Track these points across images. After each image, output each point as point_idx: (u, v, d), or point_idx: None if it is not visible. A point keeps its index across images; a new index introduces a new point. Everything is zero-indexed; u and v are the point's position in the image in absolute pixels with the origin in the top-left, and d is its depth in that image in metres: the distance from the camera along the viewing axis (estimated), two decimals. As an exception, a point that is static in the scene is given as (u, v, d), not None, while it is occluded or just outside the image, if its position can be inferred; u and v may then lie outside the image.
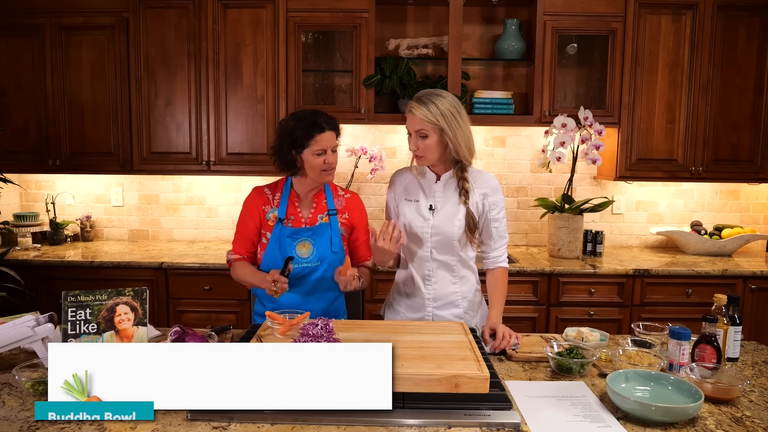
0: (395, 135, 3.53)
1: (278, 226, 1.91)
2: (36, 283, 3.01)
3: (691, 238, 3.33)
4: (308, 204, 1.97)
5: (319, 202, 1.98)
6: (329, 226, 1.94)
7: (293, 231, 1.91)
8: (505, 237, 1.94)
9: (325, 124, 1.84)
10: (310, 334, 1.42)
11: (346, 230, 1.99)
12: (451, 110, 1.75)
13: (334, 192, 2.02)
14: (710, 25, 3.12)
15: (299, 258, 1.91)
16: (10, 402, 1.33)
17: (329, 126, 1.85)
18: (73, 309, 1.36)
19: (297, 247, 1.91)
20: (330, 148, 1.85)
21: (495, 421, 1.22)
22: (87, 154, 3.24)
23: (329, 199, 1.99)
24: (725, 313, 1.61)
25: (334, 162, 1.88)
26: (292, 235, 1.91)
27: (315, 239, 1.92)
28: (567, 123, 3.01)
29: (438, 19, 3.40)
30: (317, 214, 1.96)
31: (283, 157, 1.87)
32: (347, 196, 2.03)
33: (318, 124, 1.83)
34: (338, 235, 1.95)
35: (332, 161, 1.87)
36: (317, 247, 1.92)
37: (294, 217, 1.94)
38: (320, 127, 1.83)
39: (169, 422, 1.23)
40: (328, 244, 1.93)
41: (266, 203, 1.96)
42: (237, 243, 1.99)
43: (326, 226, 1.95)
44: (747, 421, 1.27)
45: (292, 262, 1.84)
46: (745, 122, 3.18)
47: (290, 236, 1.91)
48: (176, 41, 3.14)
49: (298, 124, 1.84)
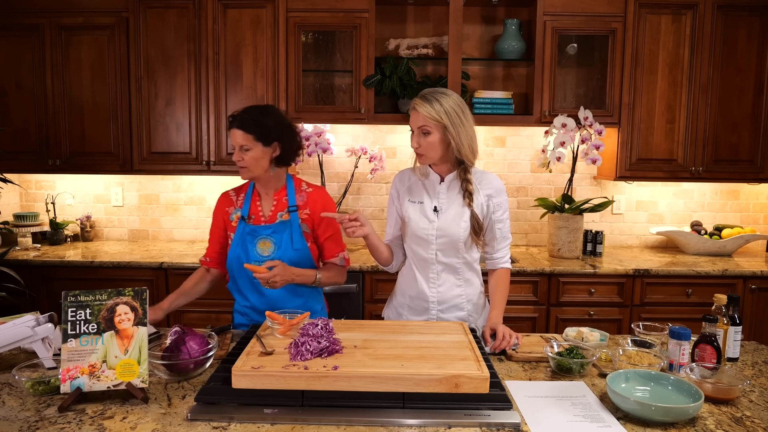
0: (395, 135, 3.53)
1: (241, 224, 1.93)
2: (36, 283, 3.01)
3: (691, 238, 3.33)
4: (269, 202, 1.97)
5: (279, 200, 1.96)
6: (289, 224, 1.92)
7: (252, 229, 1.92)
8: (508, 238, 1.94)
9: (235, 122, 1.84)
10: (310, 333, 1.42)
11: (308, 226, 1.95)
12: (455, 108, 1.75)
13: (297, 188, 1.98)
14: (710, 25, 3.12)
15: (260, 256, 1.91)
16: (10, 402, 1.33)
17: (238, 124, 1.83)
18: (73, 309, 1.35)
19: (257, 245, 1.92)
20: (237, 146, 1.84)
21: (495, 421, 1.22)
22: (87, 154, 3.24)
23: (290, 195, 1.95)
24: (725, 313, 1.61)
25: (245, 162, 1.84)
26: (252, 232, 1.92)
27: (275, 237, 1.91)
28: (567, 123, 3.01)
29: (438, 19, 3.40)
30: (277, 212, 1.94)
31: None
32: (309, 190, 1.98)
33: (231, 120, 1.85)
34: (299, 232, 1.92)
35: (236, 158, 1.85)
36: (277, 245, 1.91)
37: (255, 216, 1.95)
38: (230, 123, 1.85)
39: (169, 422, 1.23)
40: (288, 242, 1.91)
41: (230, 205, 1.99)
42: (208, 247, 2.05)
43: (286, 223, 1.92)
44: (747, 421, 1.27)
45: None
46: (745, 122, 3.18)
47: (250, 234, 1.92)
48: (176, 41, 3.14)
49: None
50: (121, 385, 1.32)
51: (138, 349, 1.35)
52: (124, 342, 1.35)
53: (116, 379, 1.32)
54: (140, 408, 1.29)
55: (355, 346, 1.46)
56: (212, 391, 1.30)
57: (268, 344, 1.47)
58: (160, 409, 1.29)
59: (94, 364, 1.33)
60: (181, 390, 1.40)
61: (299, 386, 1.27)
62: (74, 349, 1.33)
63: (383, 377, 1.27)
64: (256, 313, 1.98)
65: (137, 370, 1.33)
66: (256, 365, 1.31)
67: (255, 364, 1.32)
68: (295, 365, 1.31)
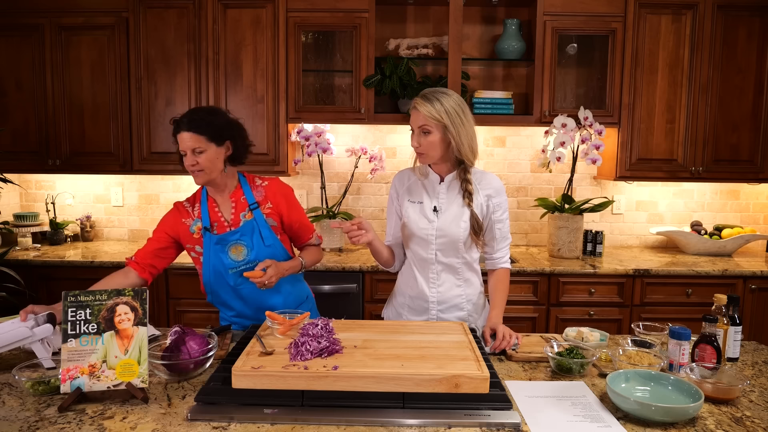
0: (395, 135, 3.53)
1: (206, 235, 1.85)
2: (36, 283, 3.00)
3: (691, 238, 3.33)
4: (227, 205, 1.90)
5: (237, 200, 1.89)
6: (255, 222, 1.87)
7: (219, 238, 1.85)
8: (508, 238, 1.94)
9: (184, 124, 1.75)
10: (310, 334, 1.42)
11: (275, 219, 1.91)
12: (455, 108, 1.75)
13: (252, 184, 1.93)
14: (710, 25, 3.12)
15: (235, 262, 1.86)
16: (10, 402, 1.33)
17: (189, 126, 1.74)
18: (73, 309, 1.35)
19: (230, 252, 1.86)
20: (188, 149, 1.75)
21: (495, 421, 1.22)
22: (87, 154, 3.24)
23: (247, 193, 1.90)
24: (725, 313, 1.61)
25: (199, 164, 1.77)
26: (220, 242, 1.85)
27: (245, 239, 1.86)
28: (567, 123, 3.01)
29: (438, 19, 3.40)
30: (239, 213, 1.88)
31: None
32: (265, 184, 1.94)
33: (177, 124, 1.77)
34: (267, 228, 1.88)
35: (189, 163, 1.77)
36: (249, 247, 1.86)
37: (218, 223, 1.88)
38: (177, 127, 1.77)
39: (169, 422, 1.23)
40: (259, 240, 1.87)
41: (186, 216, 1.90)
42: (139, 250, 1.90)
43: (251, 223, 1.87)
44: (747, 421, 1.27)
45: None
46: (745, 122, 3.18)
47: (218, 243, 1.85)
48: (176, 41, 3.14)
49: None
50: (121, 385, 1.32)
51: (138, 349, 1.35)
52: (124, 342, 1.35)
53: (116, 379, 1.32)
54: (140, 408, 1.29)
55: (355, 346, 1.46)
56: (212, 391, 1.30)
57: (268, 344, 1.47)
58: (160, 409, 1.29)
59: (94, 364, 1.33)
60: (181, 390, 1.40)
61: (299, 386, 1.27)
62: (74, 349, 1.33)
63: (383, 377, 1.27)
64: (243, 318, 1.97)
65: (137, 370, 1.33)
66: (256, 365, 1.31)
67: (255, 364, 1.32)
68: (295, 365, 1.31)
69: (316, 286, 2.85)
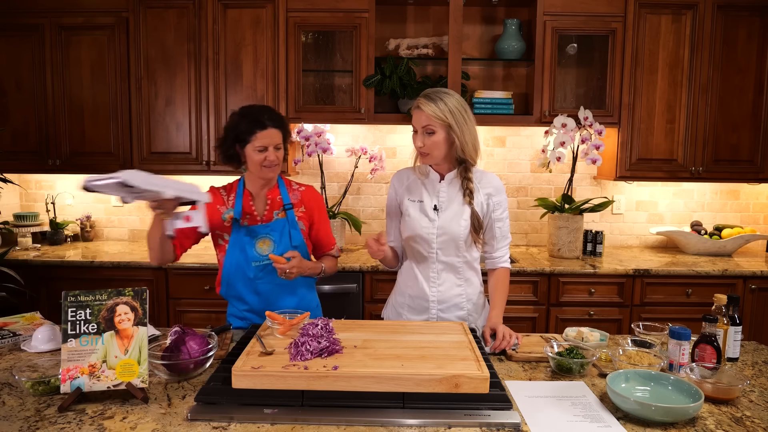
0: (395, 135, 3.53)
1: (236, 226, 1.91)
2: (36, 283, 3.00)
3: (691, 238, 3.33)
4: (262, 201, 1.96)
5: (273, 199, 1.97)
6: (286, 221, 1.94)
7: (250, 229, 1.91)
8: (507, 237, 1.94)
9: (269, 122, 1.84)
10: (310, 333, 1.42)
11: (305, 224, 1.99)
12: (458, 107, 1.75)
13: (289, 186, 2.01)
14: (710, 25, 3.12)
15: (260, 255, 1.91)
16: (10, 402, 1.33)
17: (273, 123, 1.84)
18: (73, 309, 1.35)
19: (257, 245, 1.91)
20: (272, 145, 1.84)
21: (495, 421, 1.22)
22: (87, 154, 3.24)
23: (284, 194, 1.97)
24: (725, 313, 1.61)
25: (276, 159, 1.86)
26: (250, 233, 1.91)
27: (274, 235, 1.92)
28: (567, 123, 3.01)
29: (438, 19, 3.40)
30: (272, 210, 1.95)
31: (226, 151, 1.89)
32: (302, 189, 2.03)
33: (260, 121, 1.83)
34: (297, 229, 1.95)
35: (273, 159, 1.85)
36: (277, 243, 1.92)
37: (250, 216, 1.94)
38: (262, 124, 1.82)
39: (169, 422, 1.23)
40: (287, 239, 1.92)
41: (220, 203, 1.95)
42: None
43: (283, 221, 1.94)
44: (747, 421, 1.27)
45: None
46: (745, 122, 3.18)
47: (248, 235, 1.90)
48: (176, 41, 3.14)
49: (242, 119, 1.85)
50: (121, 385, 1.32)
51: (138, 349, 1.35)
52: (124, 342, 1.35)
53: (116, 379, 1.32)
54: (140, 408, 1.29)
55: (355, 346, 1.46)
56: (212, 391, 1.30)
57: (268, 344, 1.47)
58: (160, 409, 1.29)
59: (94, 364, 1.33)
60: (181, 390, 1.40)
61: (299, 386, 1.27)
62: (74, 349, 1.33)
63: (383, 377, 1.27)
64: (254, 314, 1.98)
65: (137, 370, 1.33)
66: (256, 365, 1.31)
67: (255, 364, 1.32)
68: (295, 365, 1.31)
69: (317, 286, 2.85)
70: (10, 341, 1.73)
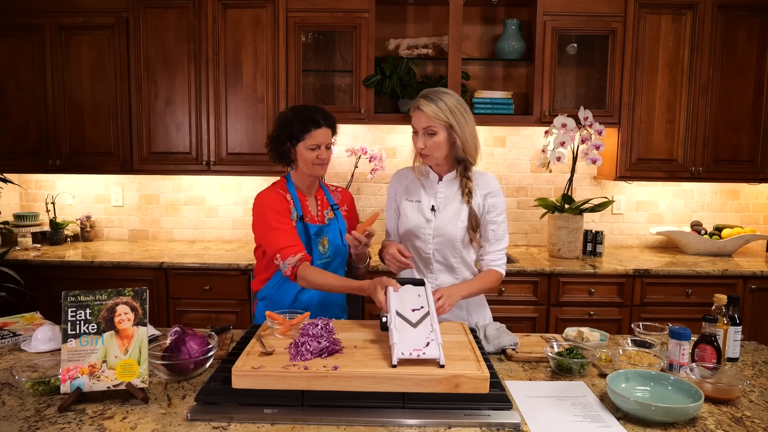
0: (395, 135, 3.53)
1: (300, 225, 1.92)
2: (36, 283, 3.00)
3: (691, 238, 3.33)
4: (313, 202, 2.02)
5: (321, 199, 2.03)
6: (336, 221, 2.01)
7: (318, 228, 1.95)
8: (502, 241, 1.89)
9: (322, 120, 1.88)
10: (310, 333, 1.42)
11: (348, 223, 2.05)
12: (458, 107, 1.75)
13: (328, 187, 2.08)
14: (710, 25, 3.12)
15: (320, 254, 1.94)
16: (10, 402, 1.33)
17: (326, 122, 1.89)
18: (73, 309, 1.35)
19: (319, 244, 1.95)
20: (324, 144, 1.89)
21: (495, 421, 1.22)
22: (87, 154, 3.24)
23: (327, 194, 2.05)
24: (725, 313, 1.61)
25: (327, 158, 1.91)
26: (318, 232, 1.94)
27: (328, 235, 1.97)
28: (567, 123, 3.01)
29: (438, 19, 3.40)
30: (323, 210, 2.01)
31: (278, 148, 1.91)
32: (339, 190, 2.11)
33: (314, 120, 1.87)
34: (345, 228, 2.01)
35: (325, 157, 1.90)
36: (331, 242, 1.96)
37: (309, 216, 1.97)
38: (316, 123, 1.87)
39: (169, 422, 1.23)
40: (338, 238, 1.98)
41: (286, 202, 1.94)
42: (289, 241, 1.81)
43: (334, 221, 2.00)
44: (747, 421, 1.27)
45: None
46: (745, 122, 3.18)
47: (316, 234, 1.94)
48: (176, 41, 3.14)
49: (296, 117, 1.88)
50: (121, 385, 1.32)
51: (138, 349, 1.35)
52: (124, 342, 1.35)
53: (116, 379, 1.32)
54: (140, 408, 1.29)
55: (355, 346, 1.46)
56: (212, 391, 1.30)
57: (268, 344, 1.47)
58: (160, 409, 1.29)
59: (94, 364, 1.33)
60: (181, 390, 1.40)
61: (299, 386, 1.27)
62: (74, 349, 1.33)
63: (383, 377, 1.27)
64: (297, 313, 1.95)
65: (137, 370, 1.33)
66: (256, 365, 1.31)
67: (255, 364, 1.32)
68: (295, 365, 1.31)
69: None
70: (10, 341, 1.74)
